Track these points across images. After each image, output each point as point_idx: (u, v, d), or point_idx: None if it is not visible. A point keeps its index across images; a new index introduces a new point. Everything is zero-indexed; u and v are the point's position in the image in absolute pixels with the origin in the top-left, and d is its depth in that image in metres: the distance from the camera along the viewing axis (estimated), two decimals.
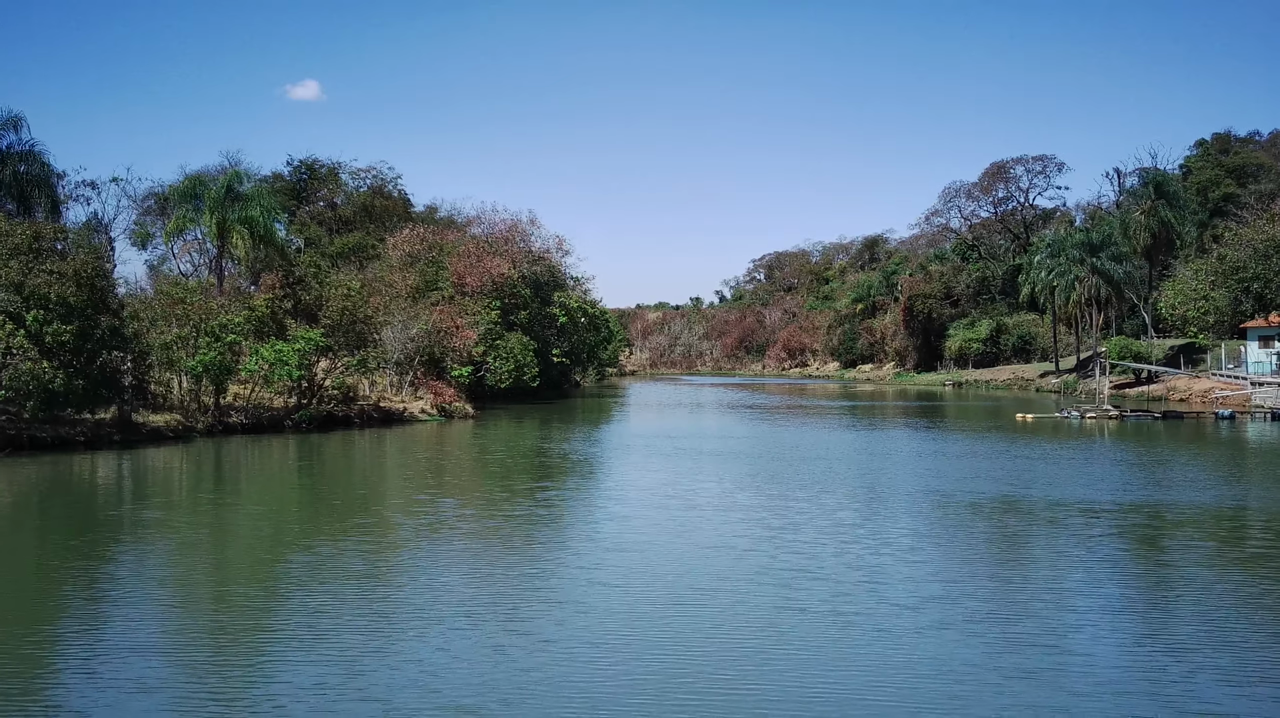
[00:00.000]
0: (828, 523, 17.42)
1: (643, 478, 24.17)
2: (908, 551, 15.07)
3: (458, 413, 44.35)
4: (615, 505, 19.82)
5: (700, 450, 30.13)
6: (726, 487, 22.30)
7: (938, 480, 23.11)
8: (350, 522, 17.87)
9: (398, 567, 14.15)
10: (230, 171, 36.83)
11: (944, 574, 13.57)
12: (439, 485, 23.38)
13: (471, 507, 20.06)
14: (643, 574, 13.44)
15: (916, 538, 16.30)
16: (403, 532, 16.86)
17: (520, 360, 55.40)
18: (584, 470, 26.39)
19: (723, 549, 15.12)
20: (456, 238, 62.96)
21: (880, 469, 25.60)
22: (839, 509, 19.06)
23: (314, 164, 74.17)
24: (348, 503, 20.69)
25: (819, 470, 25.08)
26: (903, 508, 19.35)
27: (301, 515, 19.52)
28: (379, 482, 24.43)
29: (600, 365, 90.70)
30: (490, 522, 18.13)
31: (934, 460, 27.63)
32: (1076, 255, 69.41)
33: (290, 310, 38.12)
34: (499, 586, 12.90)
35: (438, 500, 20.65)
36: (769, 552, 14.86)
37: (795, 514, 18.35)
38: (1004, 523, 17.86)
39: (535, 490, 22.16)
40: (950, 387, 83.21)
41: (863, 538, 15.99)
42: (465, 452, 31.37)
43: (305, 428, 37.40)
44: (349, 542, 15.80)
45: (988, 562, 14.61)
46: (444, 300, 55.30)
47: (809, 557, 14.48)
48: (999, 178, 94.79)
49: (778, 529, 16.74)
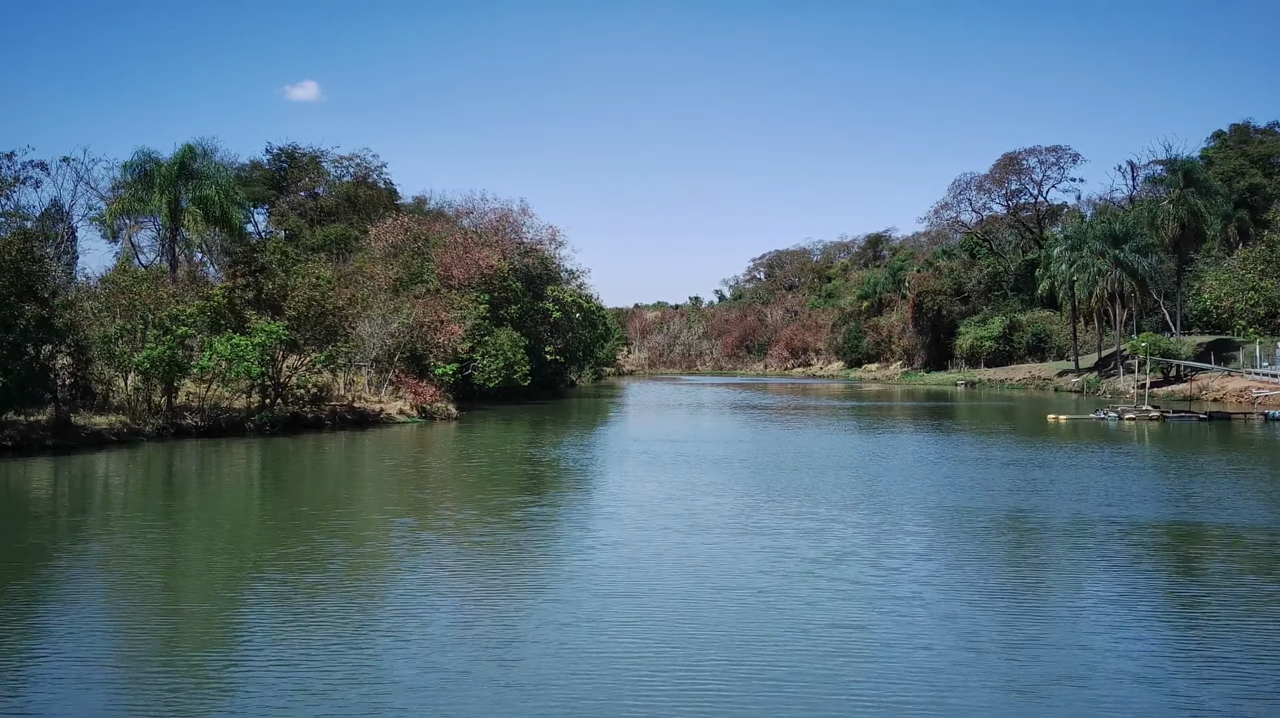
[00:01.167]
0: (873, 552, 13.81)
1: (641, 491, 20.55)
2: (1000, 595, 11.45)
3: (439, 414, 40.72)
4: (607, 528, 16.20)
5: (705, 457, 26.52)
6: (739, 502, 18.68)
7: (993, 495, 19.49)
8: (274, 551, 14.25)
9: (310, 624, 10.51)
10: (184, 146, 33.22)
11: (1085, 640, 9.94)
12: (399, 501, 19.76)
13: (431, 528, 16.44)
14: (637, 637, 9.82)
15: (1009, 578, 12.68)
16: (332, 570, 13.22)
17: (510, 358, 51.75)
18: (573, 482, 22.76)
19: (743, 593, 11.53)
20: (444, 229, 59.32)
21: (917, 480, 21.97)
22: (883, 533, 15.44)
23: (294, 152, 70.43)
24: (280, 524, 17.05)
25: (845, 482, 21.46)
26: (968, 532, 15.72)
27: (233, 542, 15.87)
28: (327, 497, 20.79)
29: (597, 364, 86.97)
30: (449, 549, 14.52)
31: (977, 469, 24.00)
32: (1098, 248, 65.82)
33: (251, 301, 34.45)
34: (436, 653, 9.27)
35: (391, 522, 17.02)
36: (805, 595, 11.27)
37: (830, 539, 14.75)
38: (1109, 552, 14.22)
39: (512, 507, 18.53)
40: (962, 386, 79.65)
41: (930, 578, 12.37)
42: (441, 459, 27.73)
43: (269, 431, 33.78)
44: (268, 580, 12.17)
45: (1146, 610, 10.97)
46: (429, 294, 51.67)
47: (864, 605, 10.86)
48: (1011, 169, 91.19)
49: (811, 563, 13.13)
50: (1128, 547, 14.54)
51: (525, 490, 21.07)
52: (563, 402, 58.46)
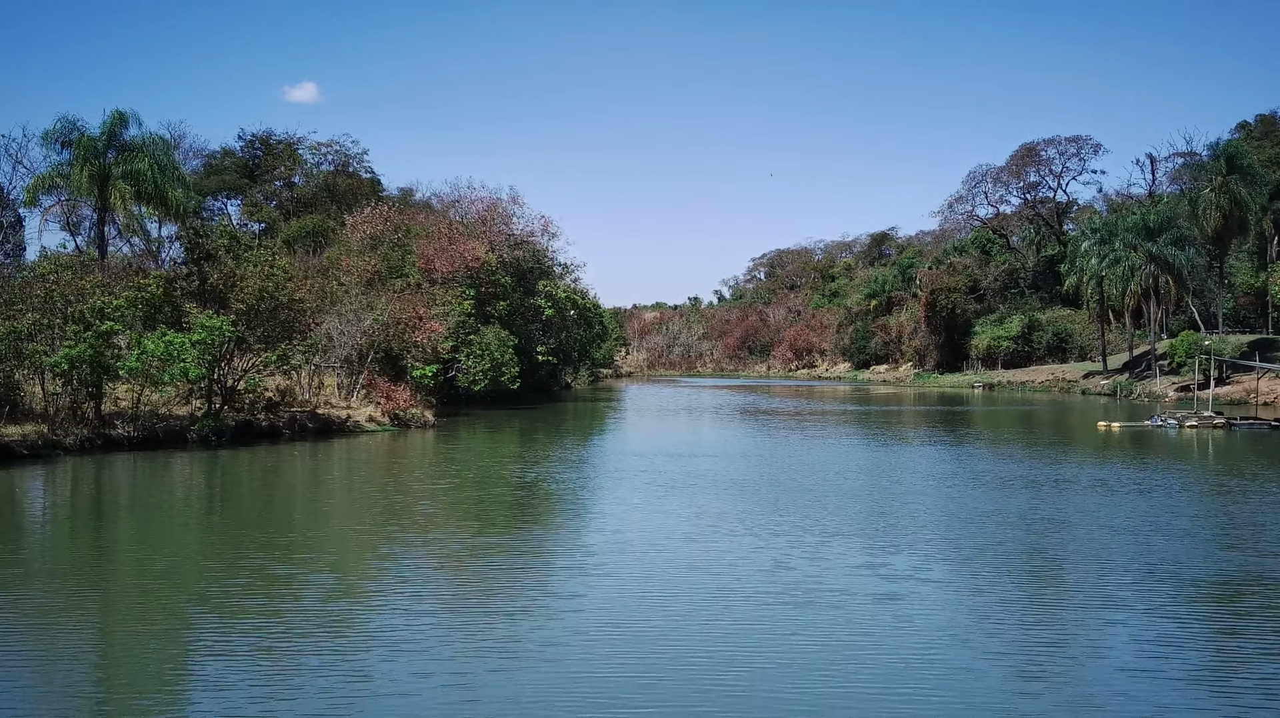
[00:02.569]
0: (1008, 646, 9.30)
1: (642, 529, 16.01)
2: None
3: (414, 422, 36.19)
4: (599, 588, 11.69)
5: (717, 478, 21.99)
6: (770, 546, 14.17)
7: (1118, 539, 14.98)
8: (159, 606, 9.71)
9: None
10: (113, 113, 28.67)
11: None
12: (335, 543, 15.21)
13: (361, 583, 11.90)
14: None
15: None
16: (230, 628, 8.66)
17: (497, 358, 47.19)
18: (561, 515, 18.22)
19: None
20: (429, 220, 54.77)
21: (984, 510, 17.44)
22: (975, 589, 10.92)
23: (269, 139, 65.67)
24: (167, 573, 12.50)
25: (900, 515, 16.95)
26: (1141, 595, 11.19)
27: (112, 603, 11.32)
28: (234, 535, 16.22)
29: (593, 366, 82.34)
30: (384, 622, 9.97)
31: (1064, 496, 19.49)
32: (1131, 241, 61.34)
33: (193, 293, 29.91)
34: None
35: (308, 577, 12.46)
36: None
37: (907, 603, 10.22)
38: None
39: (477, 554, 14.01)
40: (980, 389, 75.18)
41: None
42: (403, 479, 23.16)
43: (214, 442, 29.28)
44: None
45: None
46: (409, 288, 47.14)
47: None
48: (1029, 161, 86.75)
49: (891, 655, 8.61)
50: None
51: (499, 527, 16.52)
52: (556, 406, 53.89)
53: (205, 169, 62.44)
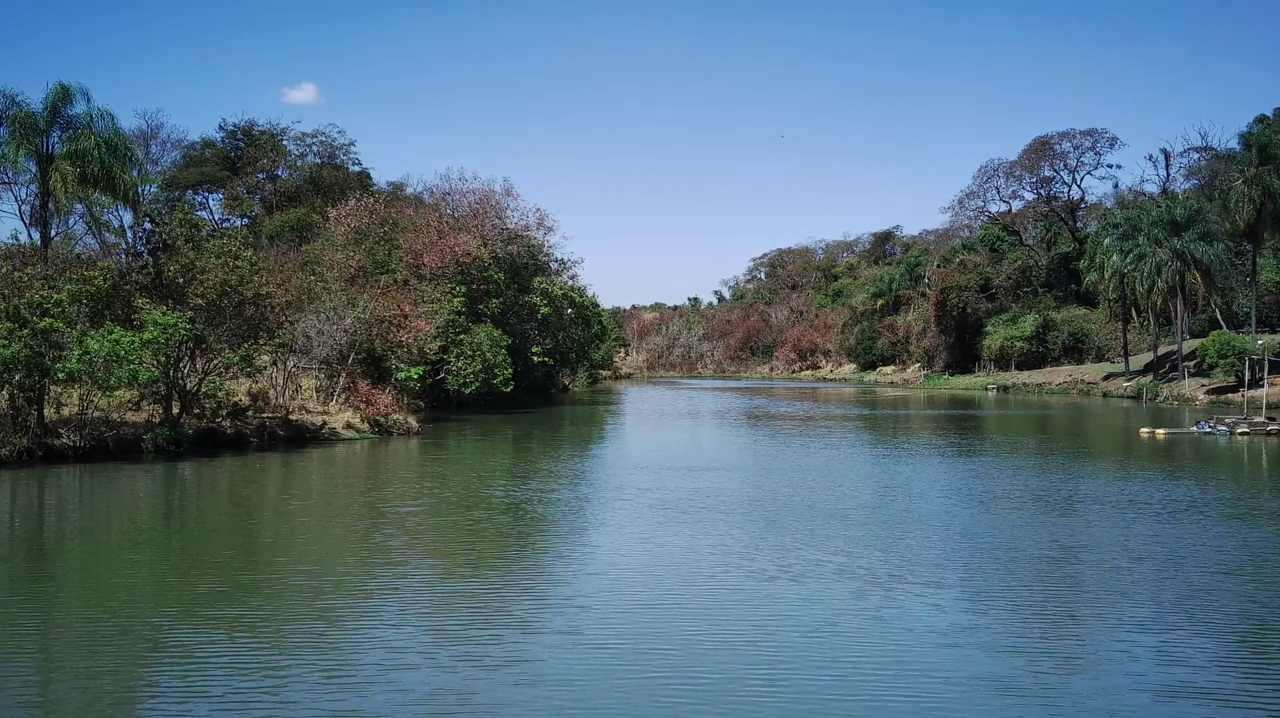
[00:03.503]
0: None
1: (651, 572, 13.09)
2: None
3: (397, 428, 33.24)
4: (591, 666, 8.72)
5: (732, 499, 19.07)
6: (817, 597, 11.23)
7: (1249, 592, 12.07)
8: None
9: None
10: (55, 85, 25.63)
11: None
12: (270, 589, 12.24)
13: (291, 643, 8.93)
14: None
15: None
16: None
17: (490, 359, 44.23)
18: (544, 552, 15.26)
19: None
20: (416, 214, 51.84)
21: (1067, 545, 14.52)
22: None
23: (251, 129, 62.60)
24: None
25: (963, 552, 14.02)
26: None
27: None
28: (158, 566, 13.29)
29: (591, 367, 79.30)
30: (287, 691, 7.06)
31: (1158, 523, 16.55)
32: (1157, 235, 58.42)
33: (147, 286, 26.94)
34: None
35: (230, 638, 9.49)
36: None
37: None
38: None
39: (436, 606, 11.05)
40: (994, 391, 72.24)
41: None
42: (370, 499, 20.19)
43: (173, 451, 26.37)
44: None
45: None
46: (395, 285, 44.23)
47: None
48: (1042, 155, 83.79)
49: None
50: None
51: (475, 565, 13.57)
52: (552, 410, 50.92)
53: (184, 161, 59.52)
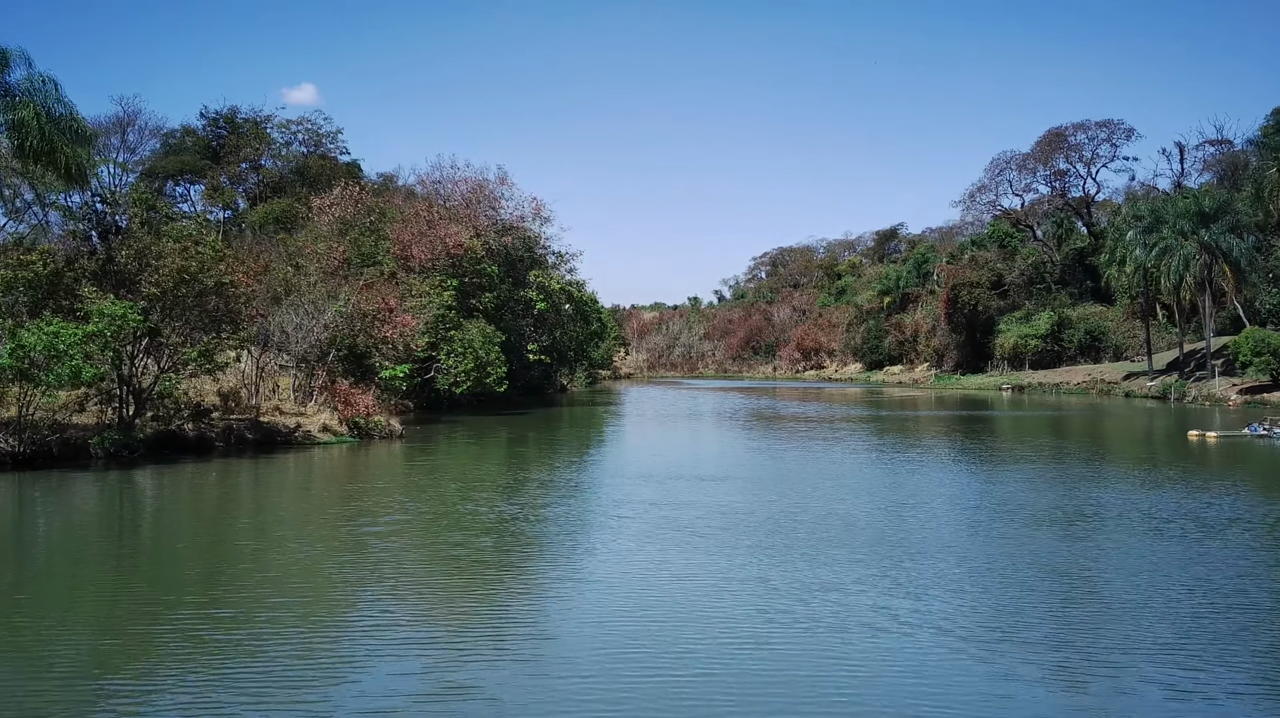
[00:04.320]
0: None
1: (662, 620, 10.32)
2: None
3: (378, 431, 30.46)
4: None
5: (753, 516, 16.30)
6: (924, 670, 8.47)
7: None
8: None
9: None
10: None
11: None
12: (174, 637, 9.44)
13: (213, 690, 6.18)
14: None
15: None
16: None
17: (482, 357, 41.53)
18: (530, 594, 12.48)
19: None
20: (405, 204, 49.09)
21: (1188, 582, 11.77)
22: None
23: (234, 117, 59.70)
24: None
25: (1035, 593, 11.26)
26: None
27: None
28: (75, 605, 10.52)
29: (591, 366, 76.51)
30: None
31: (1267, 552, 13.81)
32: (1183, 227, 55.67)
33: (95, 273, 24.20)
34: None
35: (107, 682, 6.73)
36: None
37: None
38: None
39: (374, 656, 8.28)
40: (1009, 391, 69.48)
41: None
42: (332, 515, 17.41)
43: (128, 457, 23.67)
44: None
45: None
46: (382, 278, 41.52)
47: None
48: (1056, 147, 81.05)
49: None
50: None
51: (444, 609, 10.79)
52: (549, 411, 48.11)
53: (163, 149, 56.69)
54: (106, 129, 54.12)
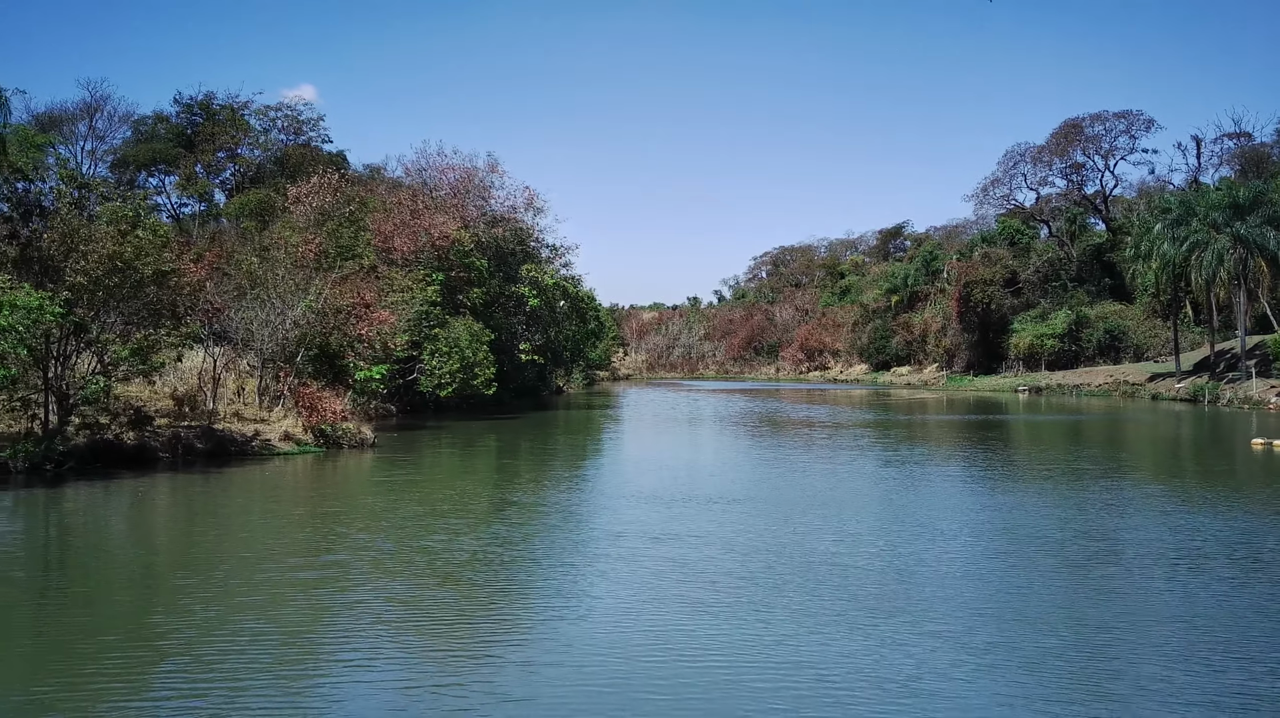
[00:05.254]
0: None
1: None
2: None
3: (347, 439, 27.27)
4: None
5: (779, 557, 13.14)
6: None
7: None
8: None
9: None
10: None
11: None
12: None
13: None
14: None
15: None
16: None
17: (469, 357, 38.40)
18: (498, 663, 9.29)
19: None
20: (388, 194, 45.90)
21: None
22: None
23: (210, 103, 56.40)
24: None
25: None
26: None
27: None
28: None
29: (588, 367, 73.26)
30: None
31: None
32: (1216, 220, 52.50)
33: (14, 261, 21.02)
34: None
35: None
36: None
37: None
38: None
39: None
40: (1026, 393, 66.32)
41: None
42: (262, 550, 14.22)
43: (53, 470, 20.57)
44: None
45: None
46: (361, 271, 38.36)
47: None
48: (1072, 139, 77.90)
49: None
50: None
51: (370, 698, 7.59)
52: (544, 415, 44.88)
53: (134, 137, 53.50)
54: (72, 115, 51.03)
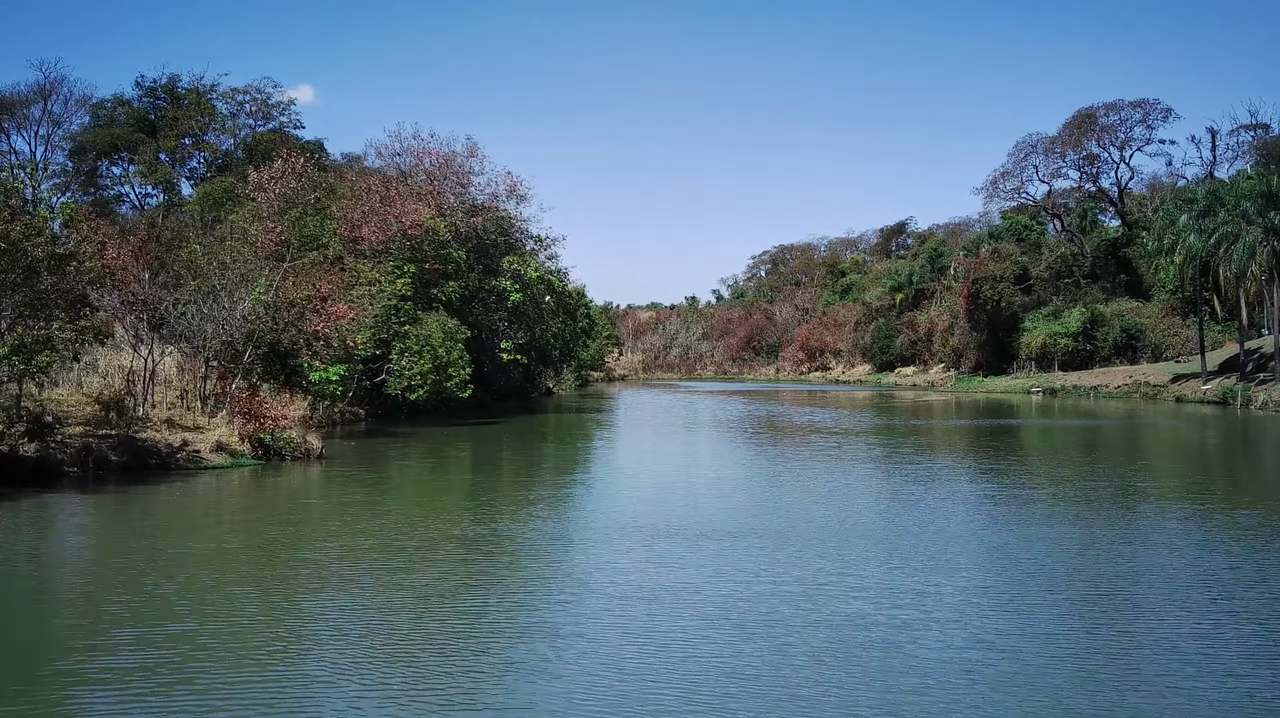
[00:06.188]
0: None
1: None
2: None
3: (290, 450, 23.83)
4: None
5: (800, 634, 9.71)
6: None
7: None
8: None
9: None
10: None
11: None
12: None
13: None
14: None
15: None
16: None
17: (442, 356, 34.98)
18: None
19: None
20: (359, 180, 42.49)
21: None
22: None
23: (174, 86, 52.85)
24: None
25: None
26: None
27: None
28: None
29: (580, 367, 69.77)
30: None
31: None
32: (1246, 211, 49.18)
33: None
34: None
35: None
36: None
37: None
38: None
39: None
40: (1040, 395, 62.98)
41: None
42: (123, 612, 10.81)
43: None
44: None
45: None
46: (324, 262, 34.99)
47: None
48: (1086, 129, 74.54)
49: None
50: None
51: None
52: (529, 420, 41.41)
53: (93, 122, 50.09)
54: (25, 98, 47.69)
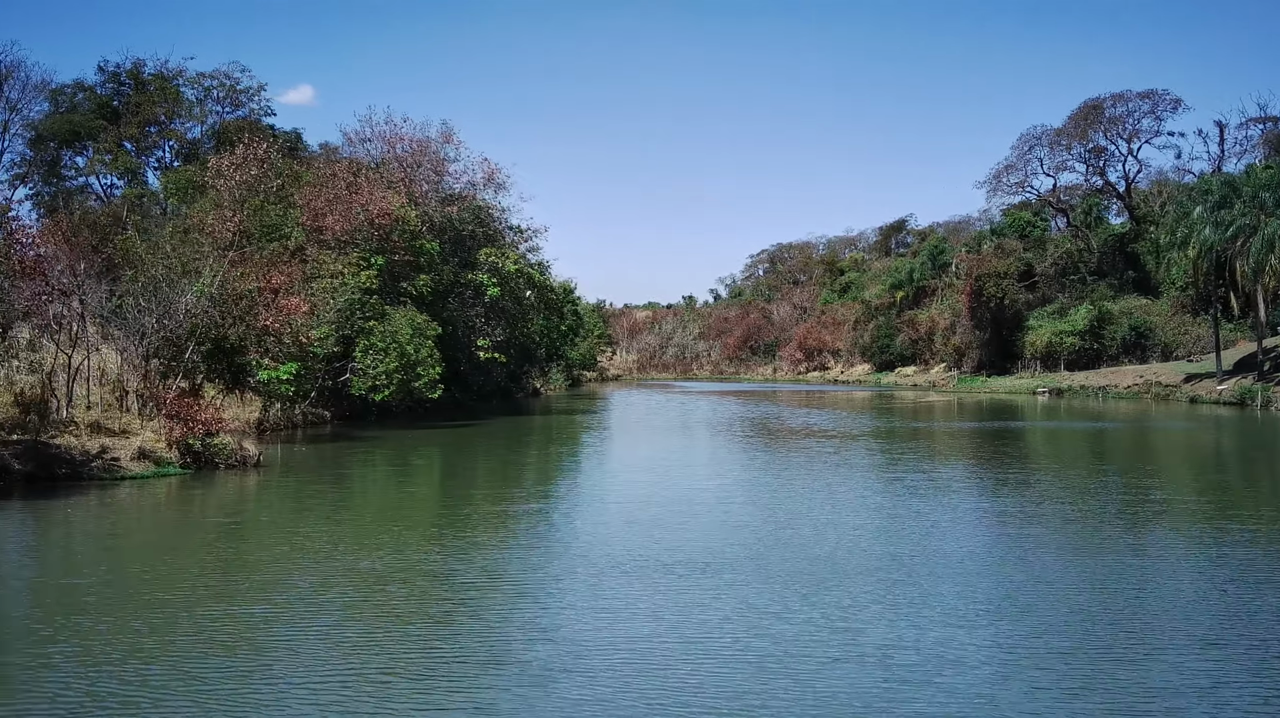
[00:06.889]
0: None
1: None
2: None
3: (223, 457, 21.36)
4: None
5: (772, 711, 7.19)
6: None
7: None
8: None
9: None
10: None
11: None
12: None
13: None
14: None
15: None
16: None
17: (410, 354, 32.50)
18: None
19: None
20: (323, 166, 40.03)
21: None
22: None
23: (139, 72, 50.33)
24: None
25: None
26: None
27: None
28: None
29: (570, 367, 67.21)
30: None
31: None
32: (1267, 202, 46.84)
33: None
34: None
35: None
36: None
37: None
38: None
39: None
40: (1046, 395, 60.63)
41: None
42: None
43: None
44: None
45: None
46: (285, 254, 32.60)
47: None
48: (1092, 121, 72.15)
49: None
50: None
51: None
52: (511, 423, 38.87)
53: (52, 108, 47.64)
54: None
